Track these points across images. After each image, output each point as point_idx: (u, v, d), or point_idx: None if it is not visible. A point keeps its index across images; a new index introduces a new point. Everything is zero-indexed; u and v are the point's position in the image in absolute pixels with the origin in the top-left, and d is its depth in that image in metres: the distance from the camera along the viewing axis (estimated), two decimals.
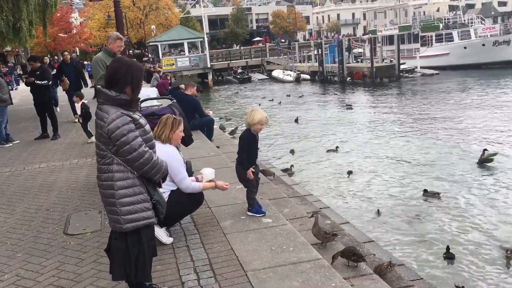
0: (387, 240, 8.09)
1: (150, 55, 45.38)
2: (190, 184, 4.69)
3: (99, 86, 3.27)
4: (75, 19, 58.80)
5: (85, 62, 37.60)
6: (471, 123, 17.46)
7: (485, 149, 12.14)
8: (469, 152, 13.40)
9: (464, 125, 17.14)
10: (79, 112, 10.38)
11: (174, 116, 4.87)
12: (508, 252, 7.05)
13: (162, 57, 40.51)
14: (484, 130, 16.05)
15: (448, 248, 7.41)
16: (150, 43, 44.32)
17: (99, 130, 3.13)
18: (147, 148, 3.17)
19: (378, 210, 9.37)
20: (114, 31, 8.84)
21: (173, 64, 39.85)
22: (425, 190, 10.17)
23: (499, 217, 8.84)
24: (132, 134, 3.09)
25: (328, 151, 14.43)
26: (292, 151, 14.56)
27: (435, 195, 9.99)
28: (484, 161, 11.76)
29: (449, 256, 7.34)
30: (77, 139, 10.79)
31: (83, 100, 10.56)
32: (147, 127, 3.31)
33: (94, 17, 55.92)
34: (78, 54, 56.13)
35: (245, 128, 5.23)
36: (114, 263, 3.27)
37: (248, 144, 5.08)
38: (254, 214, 5.21)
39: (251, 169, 5.09)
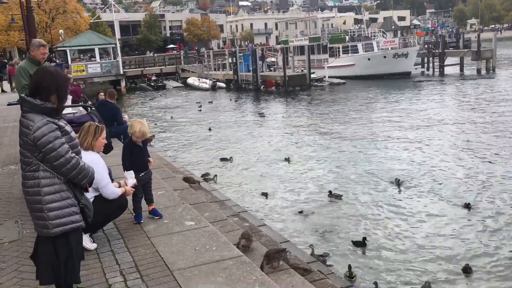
0: (302, 239, 8.62)
1: (57, 60, 43.30)
2: (113, 189, 4.78)
3: (23, 95, 3.32)
4: None
5: None
6: (375, 129, 18.82)
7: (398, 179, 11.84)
8: (370, 156, 14.54)
9: (367, 131, 18.44)
10: None
11: (96, 123, 4.93)
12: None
13: (72, 63, 38.87)
14: (385, 136, 17.38)
15: (364, 238, 8.28)
16: (58, 48, 42.32)
17: (24, 137, 3.18)
18: (74, 154, 3.27)
19: (301, 211, 10.01)
20: (37, 38, 8.34)
21: (83, 70, 38.43)
22: (329, 192, 10.95)
23: (391, 214, 9.78)
24: (59, 141, 3.18)
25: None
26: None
27: (338, 196, 10.80)
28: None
29: (359, 244, 8.19)
30: None
31: None
32: (73, 134, 3.41)
33: None
34: None
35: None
36: (42, 268, 3.32)
37: (130, 151, 5.32)
38: (134, 222, 5.35)
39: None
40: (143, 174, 5.36)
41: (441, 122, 19.70)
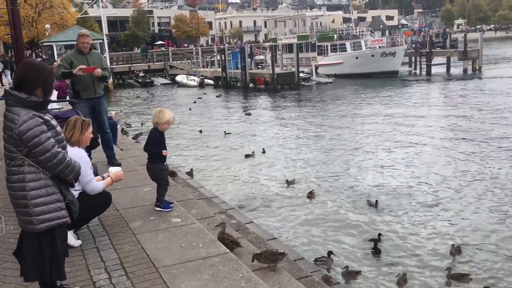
0: (287, 236, 8.64)
1: (44, 56, 42.83)
2: (95, 185, 4.74)
3: (7, 88, 3.27)
4: None
5: None
6: (362, 128, 18.89)
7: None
8: (356, 150, 14.61)
9: (355, 130, 18.50)
10: None
11: (82, 118, 4.88)
12: None
13: (58, 58, 38.46)
14: (371, 136, 17.39)
15: (378, 237, 8.16)
16: (44, 43, 41.87)
17: (9, 132, 3.13)
18: (60, 149, 3.24)
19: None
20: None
21: None
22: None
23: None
24: (45, 135, 3.14)
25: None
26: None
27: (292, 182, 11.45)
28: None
29: (376, 251, 7.90)
30: None
31: None
32: (59, 128, 3.37)
33: None
34: None
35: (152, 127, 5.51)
36: (26, 265, 3.28)
37: (155, 140, 5.40)
38: (162, 209, 5.48)
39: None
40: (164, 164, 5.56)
41: (429, 125, 18.77)
